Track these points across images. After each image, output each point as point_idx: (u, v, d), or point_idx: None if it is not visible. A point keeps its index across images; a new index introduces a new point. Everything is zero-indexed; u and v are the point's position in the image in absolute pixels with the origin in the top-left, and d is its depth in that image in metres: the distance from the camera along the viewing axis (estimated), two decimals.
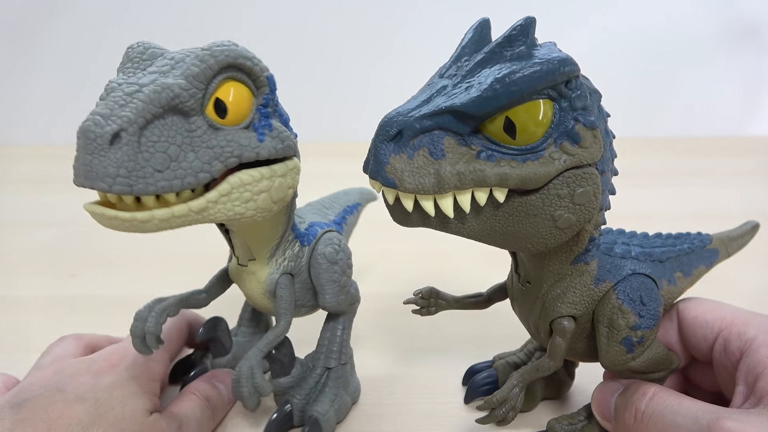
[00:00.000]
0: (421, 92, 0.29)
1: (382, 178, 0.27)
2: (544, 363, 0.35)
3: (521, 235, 0.29)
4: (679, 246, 0.39)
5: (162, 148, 0.29)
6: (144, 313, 0.38)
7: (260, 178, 0.33)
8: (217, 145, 0.31)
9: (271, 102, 0.34)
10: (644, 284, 0.34)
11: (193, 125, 0.30)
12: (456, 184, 0.27)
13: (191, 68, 0.30)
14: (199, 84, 0.30)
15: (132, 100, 0.28)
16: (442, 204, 0.27)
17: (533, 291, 0.35)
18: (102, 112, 0.28)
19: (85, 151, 0.27)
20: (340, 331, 0.42)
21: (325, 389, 0.41)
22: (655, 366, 0.36)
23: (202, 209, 0.31)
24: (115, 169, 0.27)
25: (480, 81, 0.27)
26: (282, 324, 0.39)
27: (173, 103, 0.29)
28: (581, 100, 0.28)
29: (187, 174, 0.29)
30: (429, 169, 0.27)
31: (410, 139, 0.27)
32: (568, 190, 0.28)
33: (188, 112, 0.30)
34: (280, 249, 0.39)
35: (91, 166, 0.27)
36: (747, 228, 0.44)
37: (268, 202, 0.34)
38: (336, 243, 0.40)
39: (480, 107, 0.26)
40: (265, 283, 0.39)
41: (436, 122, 0.27)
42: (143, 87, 0.29)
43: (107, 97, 0.29)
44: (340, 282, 0.40)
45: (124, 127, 0.27)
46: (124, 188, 0.27)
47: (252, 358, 0.37)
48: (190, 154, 0.30)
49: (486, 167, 0.27)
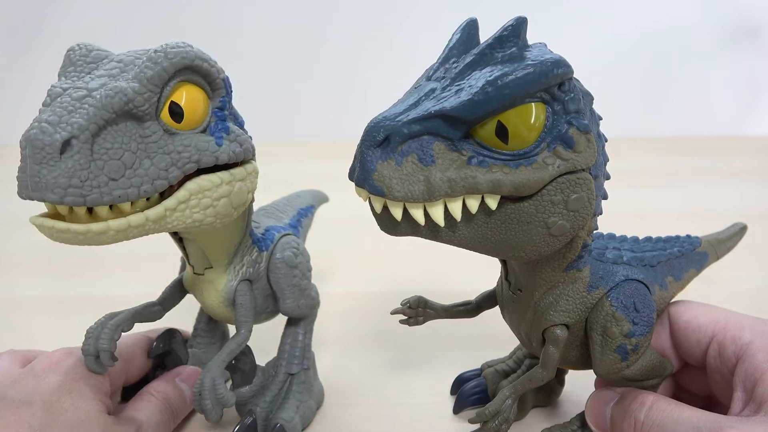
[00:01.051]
0: (408, 95, 0.28)
1: (369, 186, 0.26)
2: (537, 373, 0.34)
3: (514, 243, 0.28)
4: (669, 250, 0.38)
5: (116, 155, 0.27)
6: (96, 330, 0.37)
7: (220, 183, 0.32)
8: (173, 150, 0.29)
9: (228, 104, 0.33)
10: (637, 290, 0.34)
11: (147, 131, 0.29)
12: (447, 192, 0.26)
13: (145, 71, 0.29)
14: (154, 87, 0.29)
15: (82, 106, 0.27)
16: (432, 212, 0.26)
17: (525, 299, 0.34)
18: (50, 119, 0.26)
19: (33, 161, 0.26)
20: (301, 336, 0.41)
21: (288, 396, 0.40)
22: (650, 373, 0.35)
23: (159, 218, 0.29)
24: (66, 179, 0.26)
25: (471, 84, 0.26)
26: (243, 332, 0.38)
27: (127, 108, 0.28)
28: (574, 103, 0.27)
29: (143, 182, 0.28)
30: (418, 176, 0.26)
31: (398, 145, 0.25)
32: (561, 196, 0.27)
33: (142, 117, 0.28)
34: (238, 255, 0.38)
35: (39, 176, 0.26)
36: (735, 230, 0.44)
37: (228, 207, 0.33)
38: (294, 246, 0.40)
39: (471, 111, 0.25)
40: (223, 291, 0.38)
41: (425, 127, 0.26)
42: (93, 91, 0.27)
43: (53, 103, 0.27)
44: (300, 286, 0.40)
45: (75, 135, 0.26)
46: (77, 199, 0.26)
47: (213, 369, 0.36)
48: (146, 160, 0.28)
49: (478, 173, 0.26)
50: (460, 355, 0.48)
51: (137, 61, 0.30)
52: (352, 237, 0.73)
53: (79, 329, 0.43)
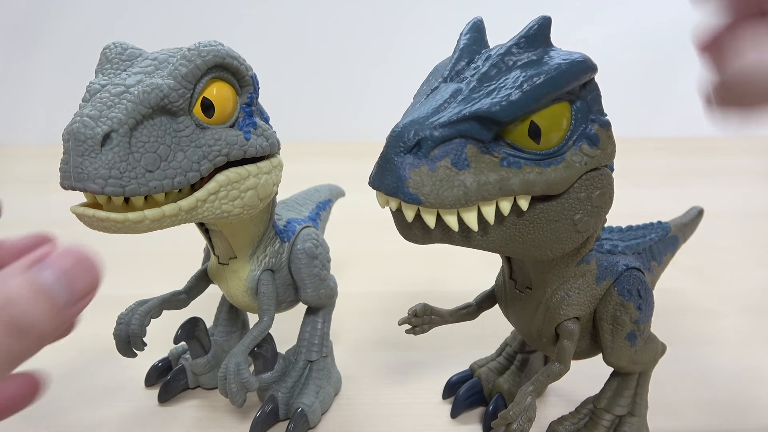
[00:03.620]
0: (429, 98, 0.27)
1: (403, 194, 0.25)
2: (554, 368, 0.34)
3: (542, 242, 0.28)
4: (648, 237, 0.40)
5: (152, 148, 0.29)
6: (127, 316, 0.39)
7: (247, 176, 0.33)
8: (205, 144, 0.31)
9: (255, 101, 0.35)
10: (638, 277, 0.35)
11: (181, 125, 0.30)
12: (484, 195, 0.25)
13: (179, 68, 0.30)
14: (188, 84, 0.30)
15: (120, 101, 0.28)
16: (466, 217, 0.26)
17: (535, 296, 0.34)
18: (91, 114, 0.27)
19: (76, 153, 0.27)
20: (320, 324, 0.43)
21: (308, 382, 0.42)
22: (653, 355, 0.36)
23: (191, 208, 0.31)
24: (107, 170, 0.27)
25: (504, 85, 0.26)
26: (265, 320, 0.39)
27: (162, 104, 0.29)
28: (596, 101, 0.28)
29: (177, 173, 0.30)
30: (454, 181, 0.25)
31: (430, 150, 0.25)
32: (587, 192, 0.28)
33: (176, 112, 0.30)
34: (261, 246, 0.39)
35: (82, 168, 0.27)
36: (694, 213, 0.46)
37: (255, 199, 0.34)
38: (314, 238, 0.41)
39: (509, 112, 0.25)
40: (246, 280, 0.39)
41: (458, 130, 0.25)
42: (130, 87, 0.29)
43: (92, 99, 0.29)
44: (320, 276, 0.41)
45: (114, 128, 0.27)
46: (116, 189, 0.27)
47: (238, 354, 0.38)
48: (179, 153, 0.30)
49: (511, 175, 0.26)
50: (461, 354, 0.48)
51: (171, 59, 0.31)
52: (351, 237, 0.73)
53: (79, 329, 0.43)
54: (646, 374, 0.38)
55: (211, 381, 0.45)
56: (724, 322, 0.56)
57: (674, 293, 0.60)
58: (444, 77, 0.28)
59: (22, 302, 0.20)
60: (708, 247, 0.71)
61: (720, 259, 0.68)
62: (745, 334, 0.54)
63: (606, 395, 0.38)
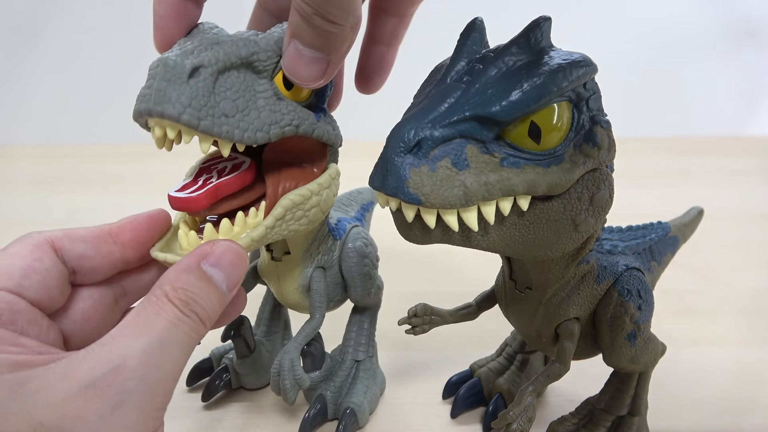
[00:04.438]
0: (430, 99, 0.27)
1: (403, 195, 0.25)
2: (555, 369, 0.34)
3: (542, 242, 0.28)
4: (648, 237, 0.40)
5: (233, 96, 0.29)
6: None
7: (310, 196, 0.34)
8: (278, 110, 0.31)
9: (330, 90, 0.36)
10: (638, 278, 0.35)
11: (261, 86, 0.31)
12: (484, 195, 0.25)
13: (272, 33, 0.31)
14: (278, 49, 0.31)
15: (213, 46, 0.29)
16: (466, 217, 0.26)
17: (535, 297, 0.34)
18: (186, 48, 0.29)
19: (163, 78, 0.27)
20: (367, 324, 0.43)
21: (356, 381, 0.42)
22: (653, 357, 0.36)
23: (262, 237, 0.31)
24: (188, 98, 0.27)
25: (504, 85, 0.26)
26: (317, 317, 0.39)
27: (252, 59, 0.30)
28: (597, 101, 0.28)
29: (249, 128, 0.30)
30: (454, 181, 0.25)
31: (431, 150, 0.25)
32: (587, 193, 0.28)
33: (261, 72, 0.31)
34: (314, 243, 0.39)
35: (165, 91, 0.27)
36: (694, 214, 0.46)
37: (319, 214, 0.35)
38: (364, 237, 0.41)
39: (510, 113, 0.25)
40: (299, 277, 0.39)
41: (458, 130, 0.25)
42: (224, 39, 0.30)
43: (183, 44, 0.30)
44: (369, 275, 0.41)
45: (204, 65, 0.28)
46: (192, 120, 0.27)
47: (291, 350, 0.38)
48: (254, 111, 0.30)
49: (512, 175, 0.26)
50: (461, 355, 0.48)
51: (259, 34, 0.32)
52: None
53: None
54: (646, 374, 0.38)
55: (254, 381, 0.45)
56: (724, 322, 0.56)
57: (674, 293, 0.60)
58: (444, 77, 0.28)
59: (202, 296, 0.25)
60: (708, 247, 0.71)
61: (720, 259, 0.68)
62: (745, 334, 0.54)
63: (606, 395, 0.38)
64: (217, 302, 0.26)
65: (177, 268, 0.26)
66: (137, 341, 0.22)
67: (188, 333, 0.24)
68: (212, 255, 0.26)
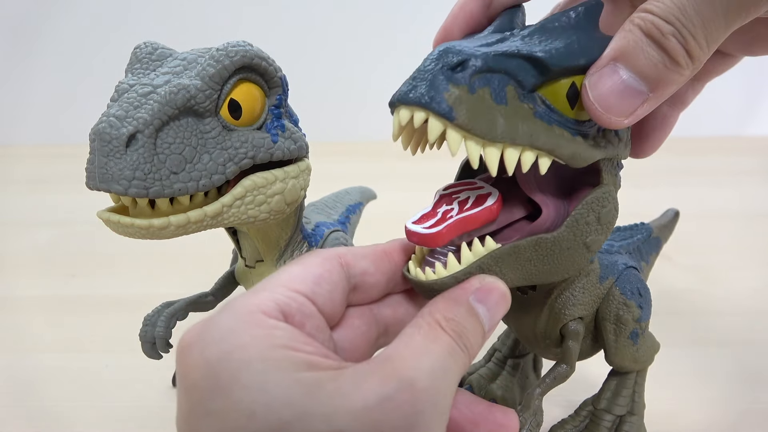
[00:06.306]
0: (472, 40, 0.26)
1: (436, 104, 0.23)
2: (561, 370, 0.34)
3: (557, 270, 0.29)
4: (635, 237, 0.41)
5: (177, 149, 0.28)
6: (153, 317, 0.38)
7: (274, 181, 0.33)
8: (231, 146, 0.31)
9: (284, 102, 0.34)
10: (636, 276, 0.35)
11: (207, 126, 0.30)
12: (512, 138, 0.24)
13: (207, 69, 0.30)
14: (215, 85, 0.30)
15: (147, 102, 0.28)
16: (486, 153, 0.24)
17: (538, 298, 0.34)
18: (117, 114, 0.27)
19: (101, 153, 0.27)
20: None
21: None
22: (651, 355, 0.36)
23: (217, 214, 0.30)
24: (131, 171, 0.27)
25: (556, 38, 0.26)
26: None
27: (189, 105, 0.29)
28: None
29: (202, 176, 0.29)
30: (490, 111, 0.24)
31: (473, 74, 0.23)
32: (594, 214, 0.28)
33: (203, 114, 0.30)
34: (288, 250, 0.39)
35: (106, 168, 0.27)
36: (671, 215, 0.47)
37: (282, 204, 0.34)
38: (343, 243, 0.41)
39: (560, 60, 0.25)
40: None
41: (505, 65, 0.24)
42: (157, 88, 0.29)
43: (120, 99, 0.29)
44: None
45: (140, 129, 0.27)
46: (140, 191, 0.27)
47: None
48: (205, 155, 0.30)
49: (541, 130, 0.25)
50: None
51: (200, 59, 0.31)
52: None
53: (79, 329, 0.43)
54: (643, 372, 0.38)
55: None
56: (724, 322, 0.56)
57: (674, 293, 0.60)
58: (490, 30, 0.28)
59: (470, 329, 0.25)
60: (708, 247, 0.71)
61: (720, 259, 0.68)
62: (745, 334, 0.54)
63: (605, 395, 0.38)
64: (480, 339, 0.25)
65: (446, 298, 0.25)
66: (423, 363, 0.22)
67: (460, 365, 0.23)
68: (480, 291, 0.26)
